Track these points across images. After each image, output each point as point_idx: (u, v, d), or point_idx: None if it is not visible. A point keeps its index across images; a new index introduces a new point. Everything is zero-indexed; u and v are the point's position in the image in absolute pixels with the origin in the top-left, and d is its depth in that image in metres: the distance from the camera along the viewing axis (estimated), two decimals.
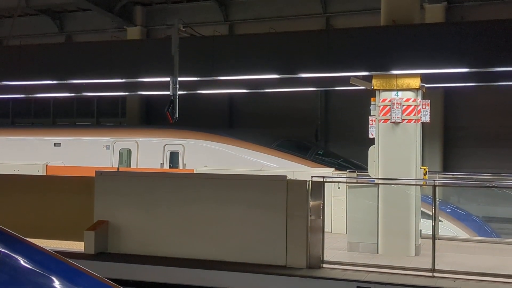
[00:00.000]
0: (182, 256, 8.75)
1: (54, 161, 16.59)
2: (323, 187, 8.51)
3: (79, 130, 20.04)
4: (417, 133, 9.71)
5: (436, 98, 18.97)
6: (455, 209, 14.36)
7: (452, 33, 9.75)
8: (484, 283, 7.50)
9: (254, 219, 8.55)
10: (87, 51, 12.92)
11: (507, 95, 19.14)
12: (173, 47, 10.87)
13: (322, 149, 17.91)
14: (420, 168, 9.81)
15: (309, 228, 8.29)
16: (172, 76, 10.95)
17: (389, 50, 9.81)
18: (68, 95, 18.19)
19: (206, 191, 8.95)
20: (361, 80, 10.25)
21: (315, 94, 21.95)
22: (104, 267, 8.49)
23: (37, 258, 2.57)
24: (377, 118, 9.85)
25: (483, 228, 13.85)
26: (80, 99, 25.45)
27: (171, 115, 11.10)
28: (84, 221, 9.26)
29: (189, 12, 23.22)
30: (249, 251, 8.51)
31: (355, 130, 19.19)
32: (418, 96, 9.72)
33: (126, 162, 17.34)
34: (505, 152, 19.96)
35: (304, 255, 8.23)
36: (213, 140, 16.55)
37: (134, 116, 24.77)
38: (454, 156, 20.79)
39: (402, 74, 9.64)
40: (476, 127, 20.57)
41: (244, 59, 11.05)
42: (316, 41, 10.77)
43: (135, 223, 9.18)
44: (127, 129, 19.43)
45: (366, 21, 19.14)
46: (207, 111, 23.31)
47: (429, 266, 7.98)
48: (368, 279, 7.67)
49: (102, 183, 9.46)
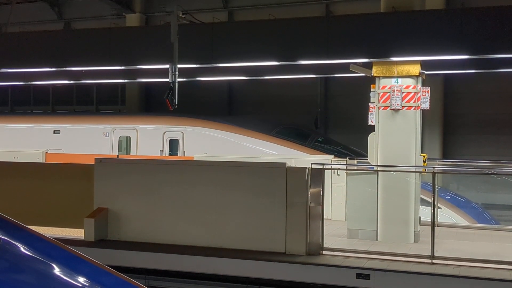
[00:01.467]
0: (182, 243, 8.78)
1: (53, 148, 16.59)
2: (322, 174, 8.51)
3: (78, 117, 20.02)
4: (417, 120, 9.71)
5: (436, 85, 18.95)
6: (454, 196, 14.38)
7: (452, 20, 9.71)
8: (483, 270, 7.53)
9: (254, 206, 8.57)
10: (86, 38, 12.88)
11: (507, 82, 19.12)
12: (172, 34, 10.83)
13: (321, 136, 17.90)
14: (419, 155, 9.82)
15: (308, 215, 8.31)
16: (171, 63, 10.92)
17: (389, 37, 9.78)
18: (67, 83, 18.15)
19: (205, 178, 8.96)
20: (360, 67, 10.22)
21: (315, 81, 21.92)
22: (104, 254, 8.51)
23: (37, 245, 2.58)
24: (376, 105, 9.84)
25: (482, 215, 13.88)
26: (79, 86, 25.42)
27: (170, 102, 11.08)
28: (84, 208, 9.28)
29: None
30: (249, 238, 8.53)
31: (354, 117, 19.21)
32: (418, 83, 9.70)
33: (126, 150, 17.34)
34: (504, 139, 19.98)
35: (304, 242, 8.26)
36: (213, 127, 16.55)
37: (133, 103, 24.75)
38: (454, 143, 20.81)
39: (402, 61, 9.61)
40: (476, 114, 20.57)
41: (244, 46, 11.01)
42: (315, 28, 10.73)
43: (135, 211, 9.20)
44: (127, 117, 19.40)
45: (365, 8, 19.07)
46: (207, 98, 23.29)
47: (428, 253, 8.01)
48: (367, 266, 7.69)
49: (101, 170, 9.47)
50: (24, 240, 2.58)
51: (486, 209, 14.57)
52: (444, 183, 15.54)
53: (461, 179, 15.81)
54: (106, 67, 12.64)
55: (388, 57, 9.62)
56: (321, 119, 22.41)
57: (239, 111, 23.74)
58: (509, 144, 19.83)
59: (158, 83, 16.53)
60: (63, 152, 16.75)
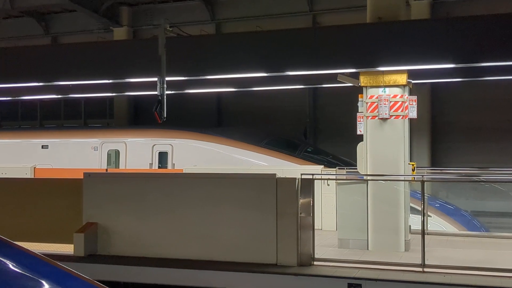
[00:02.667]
0: (172, 257, 8.73)
1: (42, 163, 16.48)
2: (312, 184, 8.52)
3: (66, 132, 19.91)
4: (405, 129, 9.75)
5: (423, 93, 19.07)
6: (443, 204, 14.43)
7: (438, 29, 9.80)
8: (474, 277, 7.55)
9: (244, 218, 8.55)
10: (74, 53, 12.86)
11: (493, 89, 19.27)
12: (160, 47, 10.84)
13: (311, 147, 17.93)
14: (408, 164, 9.85)
15: (299, 225, 8.30)
16: (159, 76, 10.92)
17: (375, 47, 9.85)
18: (55, 97, 18.07)
19: (195, 191, 8.93)
20: (348, 77, 10.27)
21: (303, 92, 21.98)
22: (94, 269, 8.45)
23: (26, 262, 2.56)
24: (365, 115, 9.88)
25: (472, 223, 13.93)
26: (67, 101, 25.33)
27: (159, 115, 11.07)
28: (73, 223, 9.21)
29: (176, 12, 23.17)
30: (239, 250, 8.50)
31: (343, 127, 19.24)
32: (405, 92, 9.76)
33: (115, 163, 17.26)
34: (492, 146, 20.10)
35: (295, 253, 8.24)
36: (202, 140, 16.52)
37: (122, 116, 24.68)
38: (442, 151, 20.91)
39: (389, 70, 9.67)
40: (463, 122, 20.70)
41: (232, 58, 11.03)
42: (303, 39, 10.78)
43: (125, 224, 9.15)
44: (115, 130, 19.33)
45: (352, 18, 19.15)
46: (196, 110, 23.29)
47: (419, 262, 8.02)
48: (358, 276, 7.69)
49: (90, 184, 9.42)
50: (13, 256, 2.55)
51: (475, 216, 14.63)
52: (434, 191, 15.61)
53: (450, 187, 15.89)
54: (94, 81, 12.61)
55: (375, 67, 9.68)
56: (310, 130, 22.48)
57: (228, 123, 23.74)
58: (497, 151, 19.96)
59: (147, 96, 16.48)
60: (51, 167, 16.65)
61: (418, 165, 11.64)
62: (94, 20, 23.80)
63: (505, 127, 20.03)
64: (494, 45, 9.45)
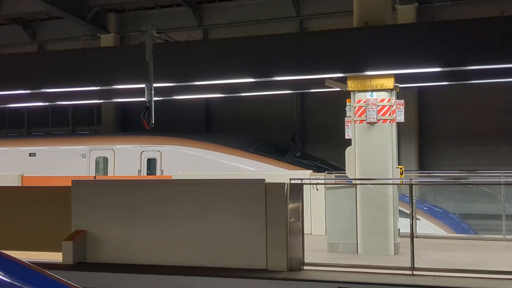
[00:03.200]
0: (162, 263, 8.69)
1: (29, 171, 16.37)
2: (301, 189, 8.53)
3: (54, 139, 19.79)
4: (393, 133, 9.79)
5: (410, 97, 19.17)
6: (432, 207, 14.49)
7: (424, 34, 9.87)
8: (463, 279, 7.58)
9: (234, 224, 8.54)
10: (61, 60, 12.80)
11: (479, 92, 19.43)
12: (147, 53, 10.82)
13: (299, 152, 17.94)
14: (396, 168, 9.89)
15: (288, 230, 8.30)
16: (147, 83, 10.89)
17: (362, 51, 9.89)
18: (43, 105, 17.98)
19: (184, 197, 8.91)
20: (336, 82, 10.31)
21: (291, 97, 22.02)
22: (83, 277, 8.40)
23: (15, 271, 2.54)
24: (353, 119, 9.91)
25: (460, 225, 13.99)
26: (54, 108, 25.20)
27: (147, 121, 11.03)
28: (62, 231, 9.15)
29: (163, 18, 23.15)
30: (229, 256, 8.48)
31: (331, 131, 19.30)
32: (393, 96, 9.81)
33: (103, 170, 17.18)
34: (479, 149, 20.24)
35: (285, 258, 8.24)
36: (190, 146, 16.49)
37: (110, 123, 24.58)
38: (430, 154, 21.02)
39: (376, 75, 9.72)
40: (450, 125, 20.83)
41: (219, 63, 11.04)
42: (290, 44, 10.81)
43: (114, 232, 9.10)
44: (103, 137, 19.25)
45: (339, 23, 19.24)
46: (184, 116, 23.26)
47: (408, 265, 8.05)
48: (348, 280, 7.70)
49: (78, 192, 9.37)
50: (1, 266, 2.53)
51: (463, 219, 14.69)
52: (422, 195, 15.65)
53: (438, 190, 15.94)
54: (82, 88, 12.55)
55: (362, 71, 9.72)
56: (299, 134, 22.52)
57: (216, 129, 23.72)
58: (484, 154, 20.10)
59: (135, 103, 16.45)
60: (39, 175, 16.53)
61: (406, 169, 11.70)
62: (81, 26, 23.72)
63: (492, 130, 20.18)
64: (479, 49, 9.53)
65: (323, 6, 21.62)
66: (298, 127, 22.65)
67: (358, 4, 10.13)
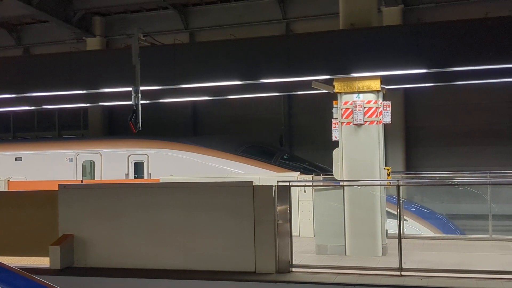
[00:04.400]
0: (150, 267, 8.66)
1: (16, 176, 16.25)
2: (289, 191, 8.53)
3: (40, 143, 19.67)
4: (379, 134, 9.83)
5: (397, 99, 19.27)
6: (419, 208, 14.56)
7: (409, 35, 9.93)
8: (450, 279, 7.62)
9: (222, 226, 8.52)
10: (46, 63, 12.73)
11: (464, 94, 19.57)
12: (133, 56, 10.79)
13: (287, 154, 17.97)
14: (383, 169, 9.93)
15: (277, 232, 8.30)
16: (133, 86, 10.85)
17: (348, 53, 9.93)
18: (28, 109, 17.86)
19: (172, 200, 8.89)
20: (322, 84, 10.33)
21: (278, 99, 22.05)
22: (71, 282, 8.35)
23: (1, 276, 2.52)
24: (340, 121, 9.94)
25: (447, 226, 14.07)
26: (40, 112, 25.04)
27: (134, 125, 11.00)
28: (49, 236, 9.08)
29: (149, 21, 23.11)
30: (217, 259, 8.47)
31: (319, 133, 19.34)
32: (379, 97, 9.85)
33: (90, 174, 17.09)
34: (465, 150, 20.38)
35: (273, 260, 8.23)
36: (178, 149, 16.46)
37: (96, 127, 24.47)
38: (416, 155, 21.13)
39: (363, 76, 9.76)
40: (436, 126, 20.95)
41: (206, 66, 11.03)
42: (277, 47, 10.83)
43: (101, 236, 9.05)
44: (90, 141, 19.17)
45: (325, 25, 19.25)
46: (171, 119, 23.21)
47: (396, 265, 8.07)
48: (337, 281, 7.71)
49: (65, 196, 9.31)
50: None
51: (450, 219, 14.78)
52: (409, 196, 15.72)
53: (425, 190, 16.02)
54: (68, 92, 12.48)
55: (349, 73, 9.76)
56: (286, 137, 22.54)
57: (204, 132, 23.69)
58: (469, 154, 20.23)
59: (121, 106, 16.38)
60: (25, 180, 16.42)
61: (393, 170, 11.74)
62: (67, 30, 23.60)
63: (477, 131, 20.33)
64: (464, 50, 9.60)
65: (309, 9, 21.68)
66: (285, 129, 22.68)
67: (344, 6, 10.16)
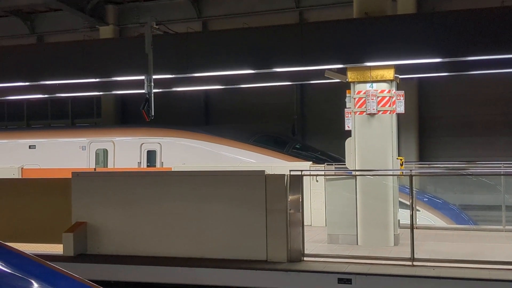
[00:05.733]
0: (162, 255, 8.72)
1: (29, 163, 16.37)
2: (301, 180, 8.54)
3: (54, 131, 19.80)
4: (393, 124, 9.79)
5: (411, 88, 19.14)
6: (432, 198, 14.52)
7: (424, 24, 9.84)
8: (463, 270, 7.61)
9: (234, 215, 8.56)
10: (60, 52, 12.78)
11: (479, 84, 19.38)
12: (146, 45, 10.80)
13: (299, 143, 17.95)
14: (396, 159, 9.90)
15: (288, 222, 8.32)
16: (146, 74, 10.88)
17: (362, 42, 9.87)
18: (42, 97, 17.96)
19: (184, 189, 8.93)
20: (335, 73, 10.30)
21: (291, 88, 22.00)
22: (84, 268, 8.42)
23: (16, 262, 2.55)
24: (352, 110, 9.91)
25: (460, 216, 14.02)
26: (54, 100, 25.17)
27: (146, 113, 11.03)
28: (62, 223, 9.17)
29: (162, 10, 23.08)
30: (229, 247, 8.51)
31: (331, 123, 19.28)
32: (393, 87, 9.80)
33: (103, 163, 17.19)
34: (479, 140, 20.23)
35: (285, 249, 8.26)
36: (190, 138, 16.50)
37: (109, 115, 24.56)
38: (430, 145, 21.01)
39: (376, 65, 9.71)
40: (450, 116, 20.80)
41: (219, 55, 11.02)
42: (290, 35, 10.78)
43: (114, 223, 9.12)
44: (103, 129, 19.25)
45: (339, 14, 19.24)
46: (183, 108, 23.24)
47: (408, 255, 8.07)
48: (348, 271, 7.72)
49: (79, 184, 9.38)
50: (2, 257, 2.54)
51: (463, 210, 14.73)
52: (422, 186, 15.69)
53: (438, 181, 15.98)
54: (81, 80, 12.54)
55: (362, 62, 9.71)
56: (298, 126, 22.50)
57: (216, 121, 23.71)
58: (483, 145, 20.09)
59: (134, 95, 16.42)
60: (39, 167, 16.55)
61: (406, 160, 11.71)
62: (80, 19, 23.65)
63: (491, 121, 20.17)
64: (480, 39, 9.51)
65: None
66: (297, 119, 22.63)
67: None
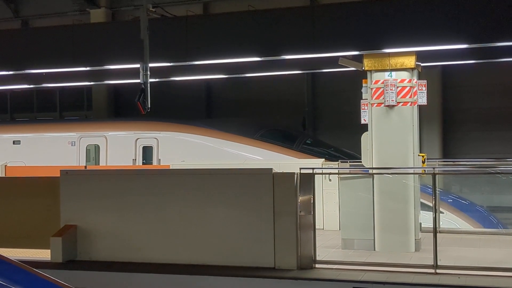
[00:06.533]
0: (160, 262, 8.75)
1: (13, 161, 16.45)
2: (312, 179, 8.55)
3: (40, 125, 19.87)
4: (414, 117, 9.78)
5: (434, 78, 19.11)
6: (457, 199, 14.51)
7: (449, 6, 9.80)
8: (491, 279, 7.60)
9: (238, 218, 8.57)
10: (47, 37, 12.80)
11: (509, 73, 19.31)
12: (142, 30, 10.81)
13: (310, 138, 17.97)
14: (418, 155, 9.89)
15: (298, 225, 8.33)
16: (142, 63, 10.89)
17: (380, 26, 9.84)
18: (27, 87, 18.02)
19: (184, 189, 8.95)
20: (351, 61, 10.29)
21: (301, 77, 21.99)
22: (73, 276, 8.45)
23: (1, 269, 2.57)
24: (369, 102, 9.91)
25: (488, 219, 14.01)
26: (40, 91, 25.26)
27: (142, 105, 11.05)
28: (50, 226, 9.20)
29: None
30: (233, 253, 8.53)
31: (345, 116, 19.30)
32: (414, 76, 9.79)
33: (95, 159, 17.25)
34: (510, 135, 20.17)
35: (294, 255, 8.27)
36: (190, 132, 16.52)
37: (101, 108, 24.63)
38: (455, 141, 20.98)
39: (396, 52, 9.69)
40: (478, 108, 20.76)
41: (222, 41, 11.02)
42: (300, 19, 10.77)
43: (107, 227, 9.15)
44: (94, 123, 19.32)
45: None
46: (183, 100, 23.28)
47: (431, 262, 8.07)
48: (365, 279, 7.73)
49: (68, 183, 9.41)
50: None
51: (491, 212, 14.71)
52: (446, 185, 15.67)
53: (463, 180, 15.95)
54: (70, 69, 12.57)
55: (380, 48, 9.69)
56: (309, 119, 22.50)
57: (218, 114, 23.74)
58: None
59: (128, 85, 16.47)
60: (24, 165, 16.61)
61: (428, 157, 11.68)
62: (69, 1, 23.71)
63: None
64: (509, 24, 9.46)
65: None
66: (308, 111, 22.63)
67: None
